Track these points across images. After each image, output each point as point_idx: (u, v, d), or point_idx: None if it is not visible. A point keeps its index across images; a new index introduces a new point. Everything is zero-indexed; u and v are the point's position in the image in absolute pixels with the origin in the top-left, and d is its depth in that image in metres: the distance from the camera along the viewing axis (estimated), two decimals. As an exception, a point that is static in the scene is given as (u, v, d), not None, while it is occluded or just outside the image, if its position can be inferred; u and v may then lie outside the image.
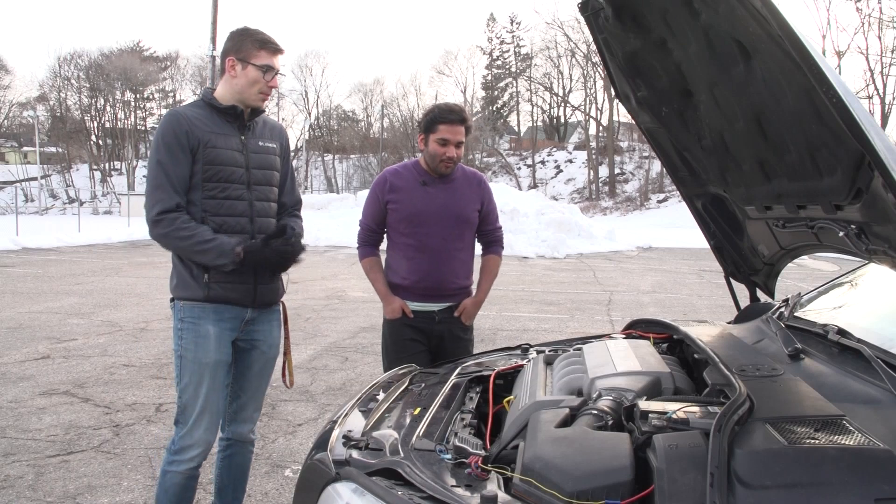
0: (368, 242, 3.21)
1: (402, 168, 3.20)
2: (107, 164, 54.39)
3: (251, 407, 2.76)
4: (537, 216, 20.20)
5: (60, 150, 53.68)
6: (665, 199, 41.53)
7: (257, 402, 2.80)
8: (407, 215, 3.07)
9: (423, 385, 2.21)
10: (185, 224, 2.44)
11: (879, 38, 38.87)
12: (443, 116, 3.02)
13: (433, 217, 3.06)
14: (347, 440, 1.69)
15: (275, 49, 2.57)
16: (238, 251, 2.47)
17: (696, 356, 2.02)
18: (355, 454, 1.62)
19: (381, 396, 2.09)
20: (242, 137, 2.60)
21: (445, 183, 3.11)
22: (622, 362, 1.91)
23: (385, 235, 3.23)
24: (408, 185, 3.09)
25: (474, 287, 3.26)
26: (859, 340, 1.82)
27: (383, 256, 3.25)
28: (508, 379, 2.24)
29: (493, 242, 3.28)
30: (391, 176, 3.14)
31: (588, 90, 51.18)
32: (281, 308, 2.78)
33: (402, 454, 1.58)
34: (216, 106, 2.57)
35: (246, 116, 2.60)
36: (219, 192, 2.53)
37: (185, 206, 2.48)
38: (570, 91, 55.20)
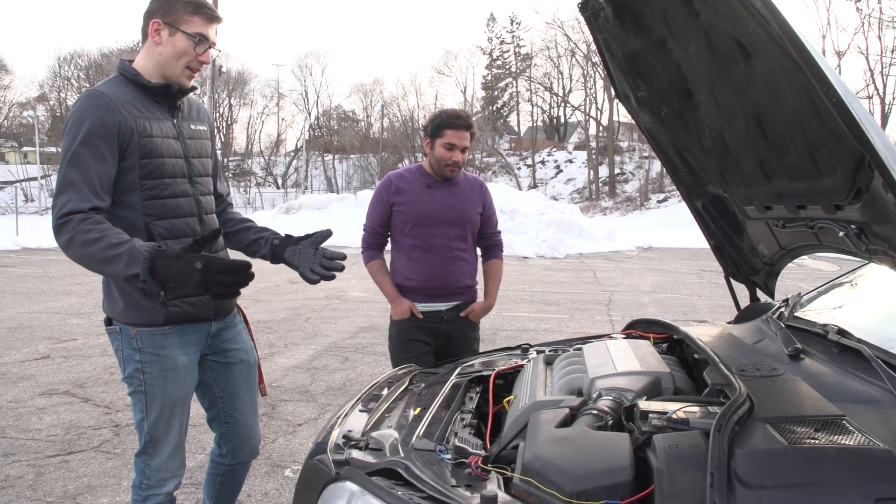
0: (373, 245, 3.25)
1: (406, 172, 3.26)
2: (107, 164, 54.30)
3: (252, 423, 2.46)
4: (537, 216, 20.19)
5: (60, 150, 53.63)
6: (665, 199, 41.50)
7: (256, 416, 2.50)
8: (413, 217, 3.12)
9: (423, 385, 2.21)
10: (91, 225, 1.92)
11: (879, 38, 38.85)
12: (450, 122, 3.09)
13: (438, 218, 3.12)
14: (347, 440, 1.69)
15: (211, 16, 2.13)
16: (150, 251, 1.93)
17: (696, 356, 2.02)
18: (355, 454, 1.62)
19: (381, 396, 2.09)
20: (174, 121, 2.18)
21: (449, 186, 3.18)
22: (622, 362, 1.91)
23: (388, 239, 3.27)
24: (413, 188, 3.15)
25: (479, 288, 3.30)
26: (859, 340, 1.82)
27: (387, 258, 3.28)
28: (508, 379, 2.24)
29: (493, 247, 3.35)
30: (396, 179, 3.19)
31: (588, 90, 51.17)
32: (238, 311, 2.45)
33: (402, 454, 1.58)
34: (143, 83, 2.11)
35: (176, 95, 2.18)
36: (161, 191, 2.11)
37: (103, 212, 1.99)
38: (570, 91, 55.22)
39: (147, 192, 2.09)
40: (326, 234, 2.27)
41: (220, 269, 1.97)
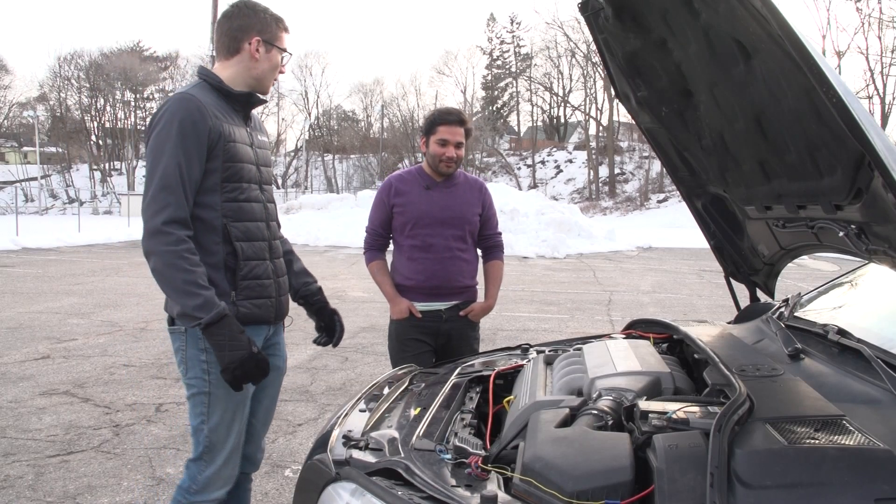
0: (375, 247, 3.29)
1: (406, 174, 3.29)
2: (107, 164, 54.40)
3: (262, 433, 2.47)
4: (537, 216, 20.20)
5: (60, 150, 53.68)
6: (665, 199, 41.52)
7: (266, 428, 2.50)
8: (412, 217, 3.15)
9: (423, 385, 2.21)
10: (186, 254, 2.03)
11: (879, 38, 38.91)
12: (441, 118, 3.13)
13: (437, 219, 3.14)
14: (347, 440, 1.69)
15: (288, 28, 2.31)
16: (224, 308, 2.04)
17: (696, 356, 2.02)
18: (355, 454, 1.62)
19: (381, 396, 2.09)
20: (248, 129, 2.28)
21: (448, 187, 3.20)
22: (622, 362, 1.91)
23: (391, 240, 3.31)
24: (412, 189, 3.18)
25: (479, 288, 3.31)
26: (859, 340, 1.82)
27: (388, 259, 3.30)
28: (508, 379, 2.24)
29: (494, 248, 3.36)
30: (396, 181, 3.23)
31: (588, 90, 51.22)
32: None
33: (402, 454, 1.58)
34: (228, 91, 2.21)
35: (254, 104, 2.30)
36: (239, 194, 2.19)
37: (188, 227, 2.10)
38: (570, 91, 55.27)
39: (226, 195, 2.17)
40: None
41: (261, 363, 2.10)
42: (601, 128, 49.40)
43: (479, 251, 3.33)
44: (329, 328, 2.59)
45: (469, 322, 3.23)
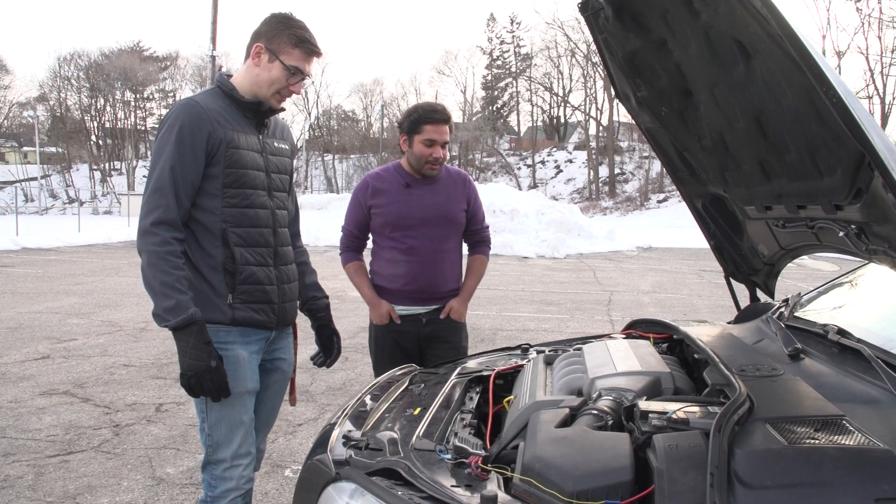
0: (351, 248, 3.14)
1: (383, 171, 3.11)
2: (107, 164, 54.38)
3: (263, 432, 2.46)
4: (537, 216, 20.20)
5: (60, 150, 53.67)
6: (665, 199, 41.52)
7: (268, 429, 2.51)
8: (391, 219, 2.99)
9: (423, 385, 2.21)
10: (170, 256, 2.07)
11: (879, 38, 38.91)
12: (428, 116, 2.93)
13: (419, 219, 2.98)
14: (347, 440, 1.69)
15: (311, 51, 2.24)
16: (194, 314, 2.04)
17: (696, 356, 2.02)
18: (355, 454, 1.62)
19: (381, 396, 2.09)
20: (260, 136, 2.28)
21: (430, 184, 3.02)
22: (622, 362, 1.91)
23: (371, 240, 3.16)
24: (391, 189, 3.01)
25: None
26: (859, 340, 1.82)
27: (367, 260, 3.17)
28: (508, 379, 2.23)
29: (480, 243, 3.21)
30: (373, 180, 3.06)
31: (588, 90, 51.19)
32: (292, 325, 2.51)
33: (402, 454, 1.58)
34: (237, 98, 2.23)
35: (265, 113, 2.29)
36: (241, 201, 2.21)
37: (181, 220, 2.14)
38: (570, 91, 55.22)
39: (228, 200, 2.20)
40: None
41: (217, 379, 2.08)
42: (601, 128, 49.40)
43: (464, 246, 3.18)
44: (326, 348, 2.62)
45: (452, 324, 3.06)
